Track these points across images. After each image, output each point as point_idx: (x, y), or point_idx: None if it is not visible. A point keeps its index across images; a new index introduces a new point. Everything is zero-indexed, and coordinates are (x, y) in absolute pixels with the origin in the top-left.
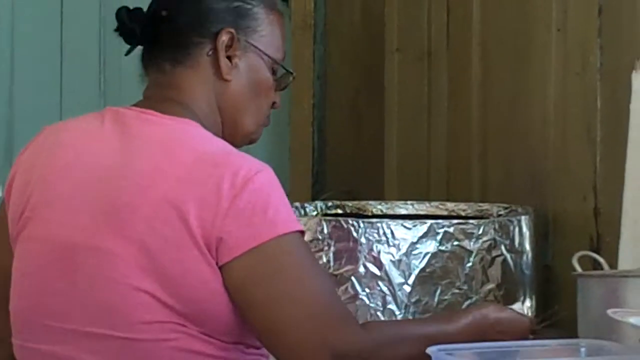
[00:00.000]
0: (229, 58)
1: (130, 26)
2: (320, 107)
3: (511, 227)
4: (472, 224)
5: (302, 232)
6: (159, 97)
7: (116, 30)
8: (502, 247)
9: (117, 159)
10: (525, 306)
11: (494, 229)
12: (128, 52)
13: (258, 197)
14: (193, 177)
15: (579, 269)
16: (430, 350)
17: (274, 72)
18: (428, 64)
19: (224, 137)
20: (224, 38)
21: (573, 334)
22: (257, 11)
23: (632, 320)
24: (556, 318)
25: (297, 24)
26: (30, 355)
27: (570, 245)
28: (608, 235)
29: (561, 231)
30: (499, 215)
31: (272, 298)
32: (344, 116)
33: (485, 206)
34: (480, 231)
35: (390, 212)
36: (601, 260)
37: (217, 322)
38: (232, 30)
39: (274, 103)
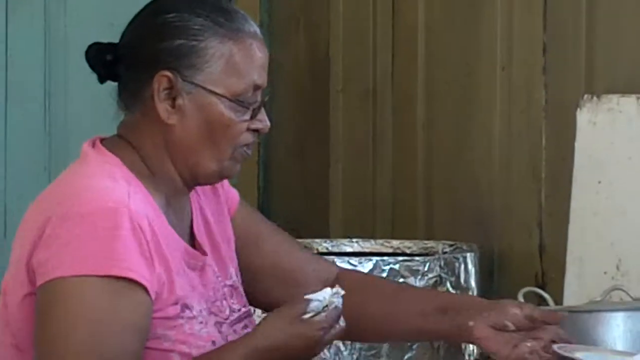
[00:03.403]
0: (173, 100)
1: (92, 64)
2: (265, 146)
3: (457, 264)
4: (417, 260)
5: (105, 278)
6: (117, 134)
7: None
8: (448, 284)
9: None
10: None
11: (440, 266)
12: (102, 82)
13: (65, 233)
14: (38, 211)
15: None
16: None
17: (240, 103)
18: (373, 103)
19: (182, 180)
20: (160, 82)
21: None
22: (204, 46)
23: (578, 355)
24: None
25: None
26: None
27: (515, 282)
28: (553, 271)
29: (506, 268)
30: (444, 253)
31: (36, 339)
32: (290, 154)
33: (430, 243)
34: (426, 268)
35: (336, 249)
36: (546, 296)
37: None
38: (169, 73)
39: (256, 130)
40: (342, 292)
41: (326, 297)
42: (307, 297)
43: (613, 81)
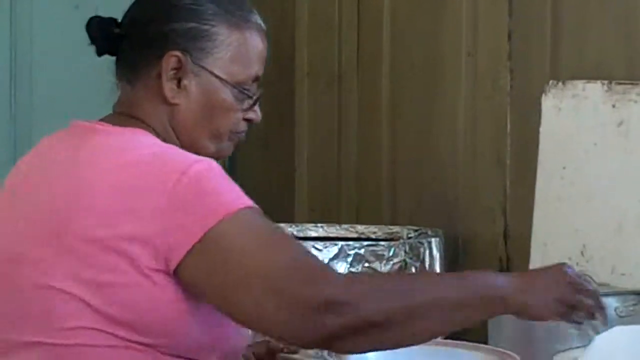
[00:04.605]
0: (179, 80)
1: (93, 36)
2: None
3: (421, 249)
4: (382, 245)
5: (252, 208)
6: (118, 112)
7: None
8: (413, 269)
9: (61, 170)
10: None
11: (405, 250)
12: (100, 55)
13: (194, 187)
14: (130, 182)
15: None
16: None
17: (243, 91)
18: (338, 89)
19: None
20: (168, 62)
21: None
22: (215, 31)
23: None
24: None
25: None
26: None
27: (480, 267)
28: (518, 257)
29: (471, 254)
30: (409, 238)
31: (236, 280)
32: (255, 140)
33: (395, 229)
34: (391, 253)
35: (301, 234)
36: None
37: (159, 331)
38: (179, 53)
39: (250, 120)
40: None
41: None
42: None
43: (578, 67)
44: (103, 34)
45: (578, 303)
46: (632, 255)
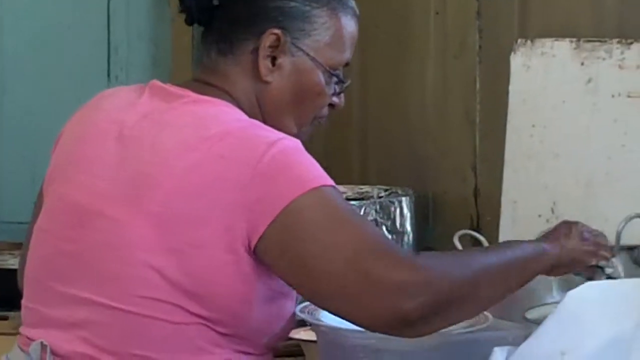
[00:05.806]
0: (273, 58)
1: (187, 4)
2: None
3: (392, 208)
4: (353, 205)
5: (334, 187)
6: (201, 81)
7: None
8: (384, 228)
9: (146, 131)
10: None
11: (375, 210)
12: (190, 24)
13: (280, 161)
14: (216, 153)
15: (460, 247)
16: None
17: (334, 75)
18: None
19: None
20: (268, 39)
21: None
22: (316, 13)
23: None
24: None
25: (176, 9)
26: (30, 315)
27: (451, 226)
28: (488, 214)
29: (442, 212)
30: (380, 197)
31: (316, 254)
32: None
33: (365, 188)
34: (362, 212)
35: None
36: (482, 238)
37: (226, 309)
38: (278, 31)
39: (333, 105)
40: None
41: None
42: None
43: (547, 25)
44: (198, 4)
45: (596, 245)
46: (601, 211)
